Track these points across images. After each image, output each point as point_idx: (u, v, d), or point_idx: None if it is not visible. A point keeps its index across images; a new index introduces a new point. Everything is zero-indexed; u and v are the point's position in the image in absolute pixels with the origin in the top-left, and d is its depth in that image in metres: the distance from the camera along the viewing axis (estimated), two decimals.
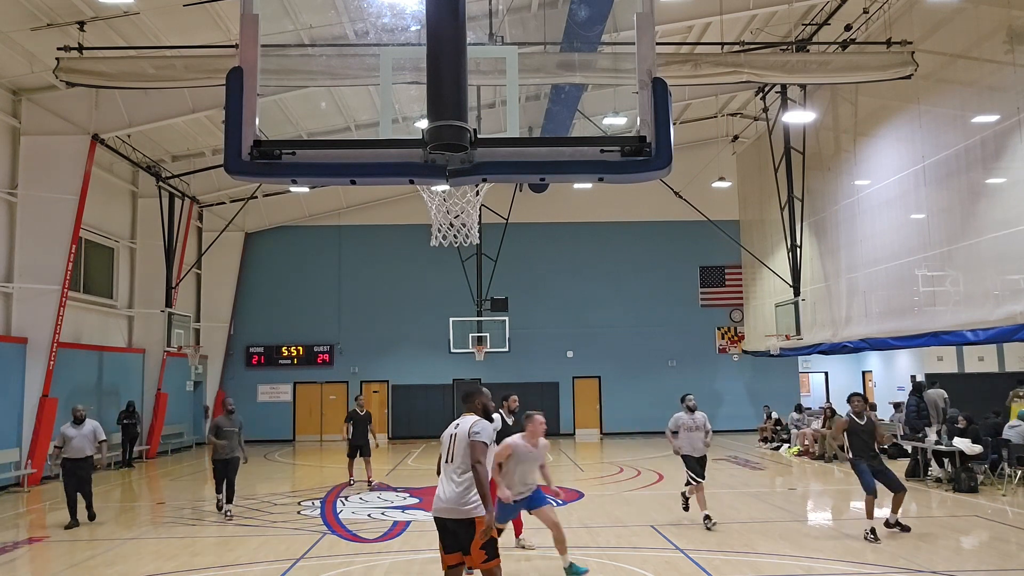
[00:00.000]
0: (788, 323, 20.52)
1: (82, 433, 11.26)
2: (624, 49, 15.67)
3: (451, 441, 5.57)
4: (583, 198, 26.58)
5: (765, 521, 10.85)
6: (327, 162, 3.08)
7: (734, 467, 17.34)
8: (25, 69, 15.44)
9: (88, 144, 16.92)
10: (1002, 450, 13.27)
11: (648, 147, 3.02)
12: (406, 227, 25.65)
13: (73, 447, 11.17)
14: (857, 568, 8.15)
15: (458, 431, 5.58)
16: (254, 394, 26.62)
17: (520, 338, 24.78)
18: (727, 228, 24.15)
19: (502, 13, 15.57)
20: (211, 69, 13.90)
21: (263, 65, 3.08)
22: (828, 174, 20.16)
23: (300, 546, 9.56)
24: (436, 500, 5.46)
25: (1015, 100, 12.83)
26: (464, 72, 3.03)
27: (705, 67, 15.15)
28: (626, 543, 9.58)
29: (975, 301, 13.77)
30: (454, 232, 12.56)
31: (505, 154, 3.10)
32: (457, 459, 5.44)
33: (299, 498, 13.63)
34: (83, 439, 11.25)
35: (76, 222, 16.87)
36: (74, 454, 11.19)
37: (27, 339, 16.25)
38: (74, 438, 11.18)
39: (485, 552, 5.29)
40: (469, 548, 5.28)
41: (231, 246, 25.86)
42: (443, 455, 5.62)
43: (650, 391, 26.49)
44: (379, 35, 15.73)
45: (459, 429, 5.60)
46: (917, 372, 21.97)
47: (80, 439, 11.23)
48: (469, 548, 5.28)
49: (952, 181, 14.75)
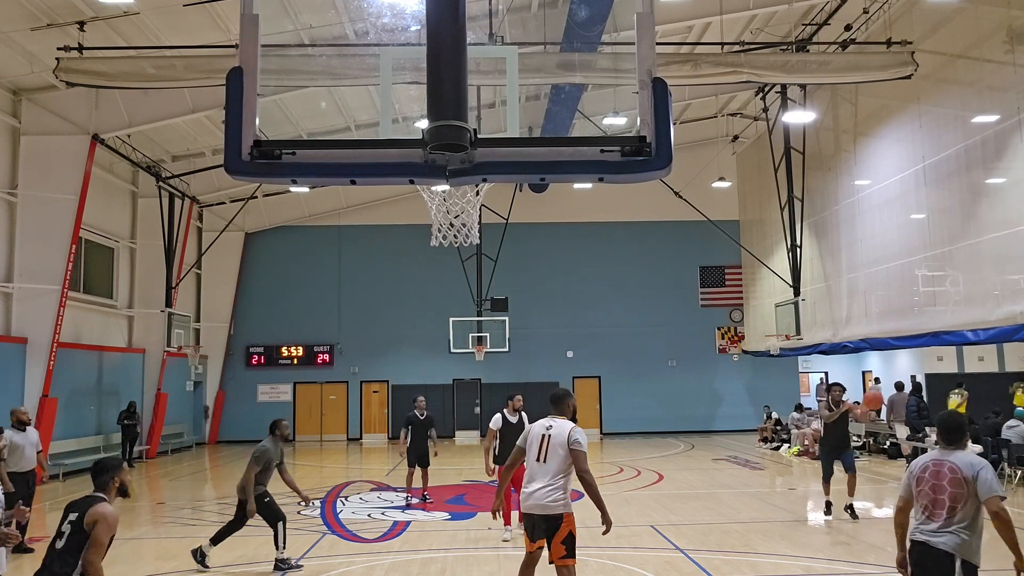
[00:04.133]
0: (788, 323, 20.51)
1: (29, 441, 9.43)
2: (624, 49, 15.66)
3: (544, 441, 5.80)
4: (583, 198, 26.57)
5: (765, 521, 10.85)
6: (327, 162, 3.08)
7: (734, 467, 17.34)
8: (25, 69, 15.44)
9: (88, 144, 16.92)
10: (1002, 450, 13.28)
11: (648, 147, 3.01)
12: (406, 227, 25.64)
13: (24, 456, 9.34)
14: (857, 568, 8.16)
15: (552, 433, 5.80)
16: (254, 394, 26.63)
17: (520, 338, 24.77)
18: (727, 228, 24.13)
19: (502, 13, 15.56)
20: (211, 69, 13.90)
21: (263, 65, 3.08)
22: (828, 174, 20.15)
23: (300, 546, 9.57)
24: (527, 496, 5.76)
25: (1015, 100, 12.83)
26: (464, 72, 3.03)
27: (705, 67, 15.14)
28: (626, 543, 9.58)
29: (975, 301, 13.77)
30: (454, 232, 12.57)
31: (505, 154, 3.10)
32: (551, 461, 5.72)
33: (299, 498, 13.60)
34: (31, 448, 9.42)
35: (76, 222, 16.87)
36: (22, 466, 9.32)
37: (27, 339, 16.26)
38: (23, 446, 9.34)
39: (564, 548, 5.65)
40: (552, 542, 5.67)
41: (231, 246, 25.86)
42: (532, 452, 5.85)
43: (650, 391, 26.52)
44: (379, 35, 15.73)
45: (553, 432, 5.81)
46: (917, 372, 21.98)
47: (29, 448, 9.39)
48: (552, 542, 5.67)
49: (952, 181, 14.74)
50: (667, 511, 11.62)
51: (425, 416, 12.59)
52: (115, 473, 4.65)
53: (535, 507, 5.70)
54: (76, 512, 4.42)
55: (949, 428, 4.79)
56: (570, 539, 5.66)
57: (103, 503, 4.46)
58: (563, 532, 5.62)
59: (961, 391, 16.23)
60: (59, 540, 4.37)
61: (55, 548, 4.36)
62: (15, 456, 9.25)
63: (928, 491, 4.62)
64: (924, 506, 4.63)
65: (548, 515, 5.64)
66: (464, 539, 10.00)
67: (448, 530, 10.69)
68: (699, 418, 26.74)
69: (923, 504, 4.65)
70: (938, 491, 4.57)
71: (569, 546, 5.66)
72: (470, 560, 8.80)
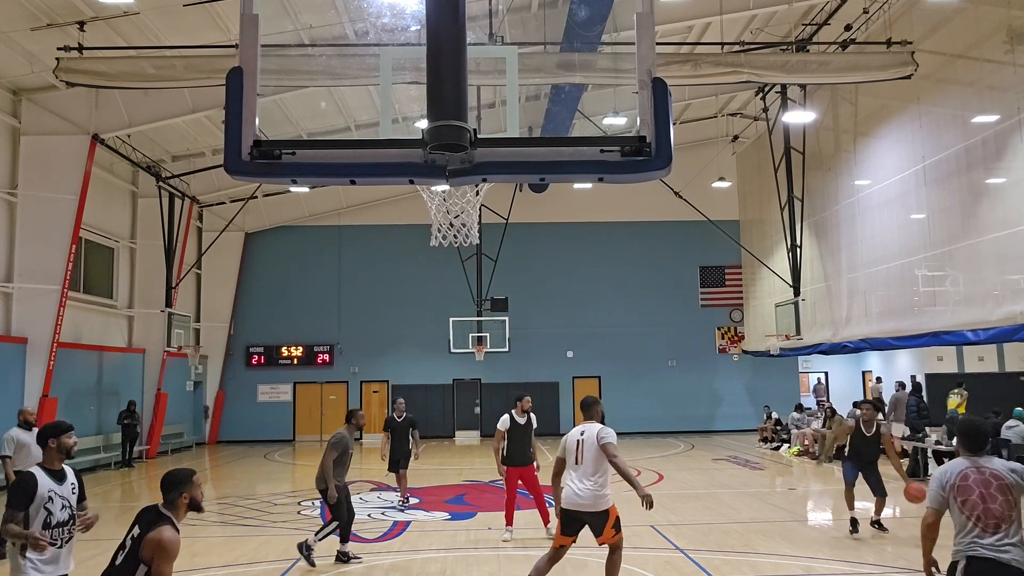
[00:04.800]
0: (788, 323, 20.51)
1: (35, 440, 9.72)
2: (624, 49, 15.66)
3: (579, 447, 6.39)
4: (583, 198, 26.57)
5: (765, 521, 10.85)
6: (327, 162, 3.08)
7: (734, 467, 17.34)
8: (25, 69, 15.43)
9: (88, 144, 16.92)
10: (1002, 450, 13.27)
11: (648, 147, 3.01)
12: (406, 227, 25.64)
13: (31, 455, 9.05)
14: (857, 568, 8.16)
15: (585, 437, 6.39)
16: (254, 394, 26.63)
17: (520, 338, 24.77)
18: (727, 228, 24.13)
19: (502, 13, 15.56)
20: (211, 69, 13.89)
21: (263, 65, 3.08)
22: (828, 174, 20.15)
23: None
24: (571, 496, 6.32)
25: (1015, 100, 12.83)
26: (464, 72, 3.03)
27: (705, 67, 15.14)
28: (626, 543, 9.56)
29: (975, 301, 13.77)
30: (454, 232, 12.57)
31: (505, 154, 3.09)
32: (588, 462, 6.32)
33: (299, 498, 13.63)
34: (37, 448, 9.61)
35: (76, 222, 16.86)
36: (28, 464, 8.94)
37: (27, 339, 16.25)
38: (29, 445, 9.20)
39: (614, 529, 6.40)
40: (602, 531, 6.35)
41: (231, 246, 25.86)
42: (570, 459, 6.44)
43: (650, 391, 26.52)
44: (379, 35, 15.73)
45: (586, 436, 6.40)
46: (917, 372, 21.98)
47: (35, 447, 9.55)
48: (602, 531, 6.35)
49: (952, 181, 14.74)
50: (667, 511, 11.61)
51: (404, 418, 12.31)
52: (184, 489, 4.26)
53: (580, 506, 6.28)
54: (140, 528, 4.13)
55: (974, 434, 4.52)
56: (616, 521, 6.40)
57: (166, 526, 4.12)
58: (612, 520, 6.37)
59: (961, 391, 16.28)
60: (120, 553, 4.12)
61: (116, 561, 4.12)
62: (21, 454, 9.37)
63: (977, 501, 4.29)
64: (976, 517, 4.28)
65: (595, 512, 6.29)
66: (464, 539, 10.00)
67: (448, 530, 10.69)
68: (699, 418, 26.74)
69: (973, 515, 4.29)
70: (989, 500, 4.27)
71: (616, 525, 6.40)
72: (470, 560, 8.80)
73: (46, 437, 4.83)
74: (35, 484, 4.59)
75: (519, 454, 9.68)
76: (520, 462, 9.67)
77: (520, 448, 9.68)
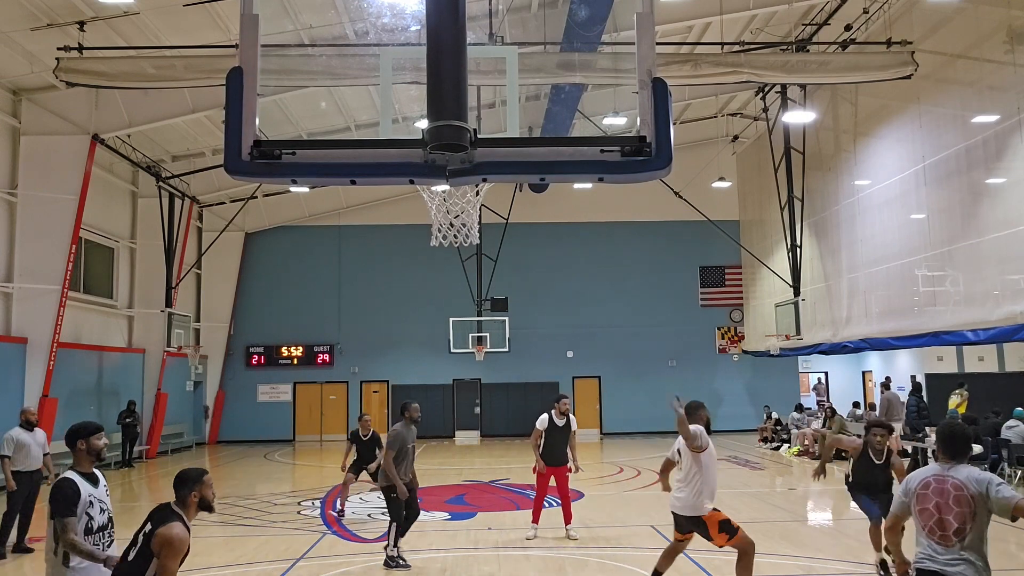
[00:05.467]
0: (788, 323, 20.51)
1: (36, 441, 9.57)
2: (624, 49, 15.66)
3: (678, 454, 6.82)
4: (583, 198, 26.58)
5: (765, 521, 10.84)
6: (327, 162, 3.08)
7: (734, 467, 17.34)
8: (25, 69, 15.43)
9: (88, 144, 16.92)
10: (1002, 450, 13.28)
11: (648, 147, 3.01)
12: (406, 227, 25.64)
13: (31, 456, 9.48)
14: (857, 568, 8.15)
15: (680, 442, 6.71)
16: (254, 394, 26.63)
17: (520, 338, 24.77)
18: (727, 228, 24.13)
19: (502, 13, 15.56)
20: (211, 69, 13.89)
21: (263, 65, 3.08)
22: (828, 174, 20.15)
23: (300, 546, 9.56)
24: (675, 499, 6.73)
25: (1015, 100, 12.82)
26: (464, 72, 3.02)
27: (705, 67, 15.14)
28: (626, 543, 9.58)
29: (975, 301, 13.77)
30: (454, 232, 12.56)
31: (505, 154, 3.09)
32: (684, 464, 6.67)
33: (299, 498, 13.63)
34: (37, 448, 9.57)
35: (76, 222, 16.87)
36: (28, 465, 9.46)
37: (27, 339, 16.26)
38: (30, 445, 9.50)
39: (724, 534, 6.47)
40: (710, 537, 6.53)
41: (231, 246, 25.86)
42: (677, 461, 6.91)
43: (650, 391, 26.47)
44: (379, 35, 15.73)
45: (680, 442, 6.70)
46: (917, 372, 21.99)
47: (36, 448, 9.54)
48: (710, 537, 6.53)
49: (952, 181, 14.74)
50: (667, 511, 11.59)
51: (370, 435, 11.37)
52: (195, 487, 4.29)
53: (680, 508, 6.67)
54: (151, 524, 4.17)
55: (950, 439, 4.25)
56: (723, 525, 6.48)
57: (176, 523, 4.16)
58: (713, 528, 6.47)
59: (962, 391, 16.28)
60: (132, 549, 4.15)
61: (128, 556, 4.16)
62: (21, 455, 9.42)
63: (932, 510, 4.15)
64: (929, 528, 4.16)
65: (689, 516, 6.58)
66: (464, 539, 10.00)
67: (448, 530, 10.70)
68: None
69: (927, 526, 4.17)
70: (943, 511, 4.11)
71: (727, 529, 6.47)
72: (470, 560, 8.81)
73: (75, 439, 4.69)
74: (78, 490, 4.42)
75: (555, 454, 9.74)
76: (555, 462, 9.74)
77: (557, 449, 9.75)
